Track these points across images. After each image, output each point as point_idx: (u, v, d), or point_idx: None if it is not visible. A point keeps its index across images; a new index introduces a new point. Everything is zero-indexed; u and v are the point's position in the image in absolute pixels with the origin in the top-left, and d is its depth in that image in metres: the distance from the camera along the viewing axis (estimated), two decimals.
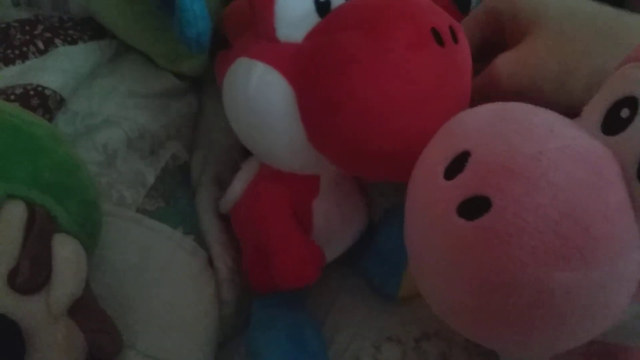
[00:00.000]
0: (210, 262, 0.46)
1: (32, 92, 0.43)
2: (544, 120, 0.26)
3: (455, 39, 0.33)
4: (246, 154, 0.46)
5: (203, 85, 0.56)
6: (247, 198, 0.44)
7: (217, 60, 0.45)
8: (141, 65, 0.52)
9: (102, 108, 0.48)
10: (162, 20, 0.49)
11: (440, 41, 0.32)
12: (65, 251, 0.31)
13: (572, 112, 0.28)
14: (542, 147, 0.24)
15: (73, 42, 0.49)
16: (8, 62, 0.46)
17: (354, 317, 0.49)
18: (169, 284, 0.42)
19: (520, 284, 0.23)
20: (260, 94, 0.36)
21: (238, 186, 0.45)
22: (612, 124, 0.26)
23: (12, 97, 0.43)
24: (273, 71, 0.35)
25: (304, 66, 0.34)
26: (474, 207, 0.24)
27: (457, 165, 0.25)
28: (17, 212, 0.30)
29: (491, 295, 0.24)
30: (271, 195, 0.42)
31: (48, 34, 0.48)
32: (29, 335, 0.29)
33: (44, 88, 0.44)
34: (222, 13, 0.44)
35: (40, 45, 0.48)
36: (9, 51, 0.46)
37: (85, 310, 0.33)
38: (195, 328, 0.42)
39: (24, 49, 0.47)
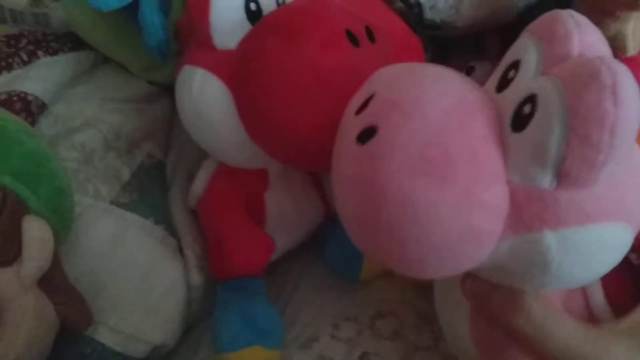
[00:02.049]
0: (180, 250, 0.50)
1: (15, 98, 0.48)
2: (439, 71, 0.30)
3: (372, 39, 0.37)
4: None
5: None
6: (206, 193, 0.49)
7: (174, 69, 0.49)
8: (117, 73, 0.57)
9: (81, 112, 0.52)
10: (135, 34, 0.53)
11: (354, 41, 0.36)
12: (33, 229, 0.35)
13: None
14: (426, 89, 0.28)
15: (54, 53, 0.54)
16: None
17: (315, 301, 0.53)
18: (138, 267, 0.46)
19: (389, 195, 0.27)
20: (202, 96, 0.40)
21: (199, 182, 0.49)
22: (503, 82, 0.30)
23: None
24: (212, 76, 0.39)
25: (236, 70, 0.38)
26: (368, 133, 0.28)
27: (366, 103, 0.30)
28: None
29: (368, 205, 0.28)
30: (224, 189, 0.47)
31: (31, 47, 0.53)
32: (1, 303, 0.34)
33: (26, 94, 0.49)
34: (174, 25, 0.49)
35: (24, 56, 0.52)
36: None
37: (55, 284, 0.38)
38: (162, 307, 0.46)
39: (10, 60, 0.52)
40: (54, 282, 0.38)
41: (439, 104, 0.28)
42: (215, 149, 0.43)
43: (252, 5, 0.39)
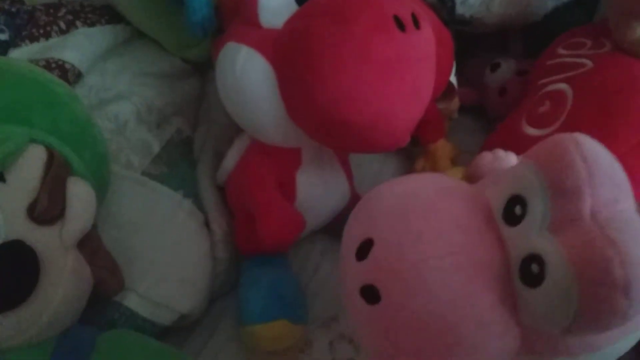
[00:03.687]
0: (207, 224, 0.51)
1: (53, 65, 0.49)
2: (439, 220, 0.29)
3: (417, 25, 0.38)
4: (241, 130, 0.51)
5: (206, 69, 0.62)
6: (238, 169, 0.50)
7: (213, 46, 0.50)
8: (151, 48, 0.58)
9: (115, 84, 0.53)
10: (173, 11, 0.54)
11: (401, 26, 0.37)
12: (78, 190, 0.37)
13: None
14: (425, 255, 0.28)
15: (92, 24, 0.55)
16: (33, 39, 0.52)
17: (334, 282, 0.53)
18: (167, 238, 0.47)
19: None
20: (245, 74, 0.41)
21: (231, 158, 0.50)
22: (510, 216, 0.28)
23: None
24: (256, 54, 0.40)
25: (282, 48, 0.39)
26: (372, 292, 0.29)
27: (365, 248, 0.30)
28: (38, 154, 0.36)
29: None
30: (257, 166, 0.47)
31: (70, 17, 0.54)
32: (43, 261, 0.35)
33: (64, 62, 0.50)
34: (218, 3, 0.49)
35: (63, 25, 0.53)
36: (34, 30, 0.52)
37: (92, 247, 0.39)
38: (189, 277, 0.47)
39: (48, 28, 0.53)
40: (91, 245, 0.39)
41: (440, 275, 0.28)
42: (253, 125, 0.44)
43: None
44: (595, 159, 0.25)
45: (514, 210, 0.28)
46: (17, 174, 0.35)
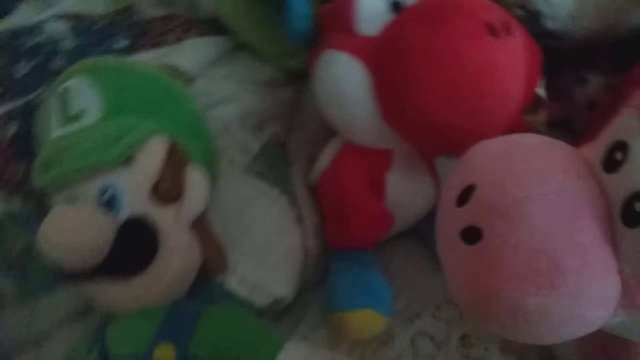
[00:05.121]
0: (300, 220, 0.55)
1: (167, 70, 0.54)
2: (541, 163, 0.30)
3: (509, 33, 0.40)
4: (331, 137, 0.54)
5: (300, 79, 0.66)
6: (332, 169, 0.53)
7: (309, 56, 0.53)
8: (252, 59, 0.63)
9: (220, 89, 0.58)
10: (273, 24, 0.59)
11: (493, 33, 0.39)
12: (195, 176, 0.42)
13: None
14: (529, 192, 0.28)
15: (202, 35, 0.60)
16: (150, 47, 0.58)
17: (418, 281, 0.56)
18: (265, 228, 0.51)
19: (499, 303, 0.28)
20: (343, 78, 0.44)
21: (325, 159, 0.53)
22: (610, 163, 0.29)
23: None
24: (353, 59, 0.43)
25: (379, 53, 0.42)
26: (473, 233, 0.29)
27: (466, 194, 0.31)
28: (161, 143, 0.41)
29: (479, 304, 0.30)
30: (351, 166, 0.50)
31: (182, 27, 0.60)
32: (161, 236, 0.39)
33: (177, 67, 0.55)
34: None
35: (176, 35, 0.59)
36: (151, 38, 0.58)
37: (203, 229, 0.43)
38: (283, 265, 0.51)
39: (163, 37, 0.58)
40: (202, 227, 0.43)
41: (543, 210, 0.28)
42: (348, 127, 0.47)
43: None
44: None
45: (614, 156, 0.28)
46: (143, 160, 0.40)
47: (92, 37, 0.56)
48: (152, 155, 0.40)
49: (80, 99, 0.40)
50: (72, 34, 0.55)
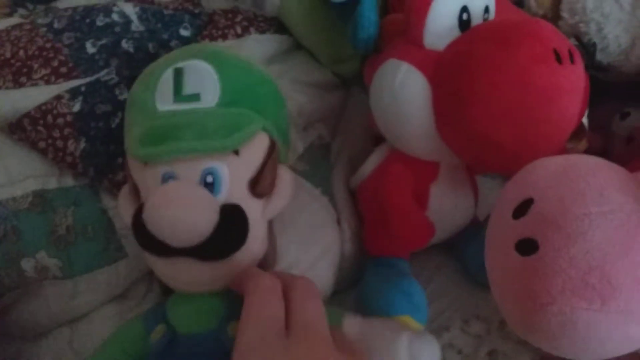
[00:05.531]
0: (338, 222, 0.56)
1: None
2: (599, 182, 0.31)
3: (572, 60, 0.41)
4: (375, 143, 0.56)
5: (350, 85, 0.68)
6: (377, 175, 0.54)
7: (367, 64, 0.55)
8: (307, 60, 0.65)
9: None
10: (331, 28, 0.60)
11: (559, 60, 0.40)
12: (286, 176, 0.43)
13: None
14: (588, 210, 0.30)
15: (262, 32, 0.62)
16: (212, 39, 0.59)
17: (448, 294, 0.57)
18: (306, 223, 0.52)
19: (549, 314, 0.29)
20: (403, 87, 0.45)
21: (370, 164, 0.55)
22: None
23: None
24: (416, 70, 0.45)
25: (443, 68, 0.43)
26: (528, 245, 0.30)
27: (524, 207, 0.32)
28: (264, 140, 0.42)
29: (529, 314, 0.31)
30: (396, 174, 0.51)
31: (245, 23, 0.61)
32: (250, 225, 0.40)
33: None
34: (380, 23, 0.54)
35: (238, 30, 0.60)
36: (213, 31, 0.60)
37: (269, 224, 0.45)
38: (319, 263, 0.52)
39: (225, 31, 0.60)
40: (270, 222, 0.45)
41: (600, 228, 0.29)
42: (401, 136, 0.48)
43: (465, 15, 0.44)
44: None
45: None
46: (248, 152, 0.41)
47: (160, 22, 0.57)
48: (257, 149, 0.42)
49: (199, 82, 0.41)
50: (139, 17, 0.56)
